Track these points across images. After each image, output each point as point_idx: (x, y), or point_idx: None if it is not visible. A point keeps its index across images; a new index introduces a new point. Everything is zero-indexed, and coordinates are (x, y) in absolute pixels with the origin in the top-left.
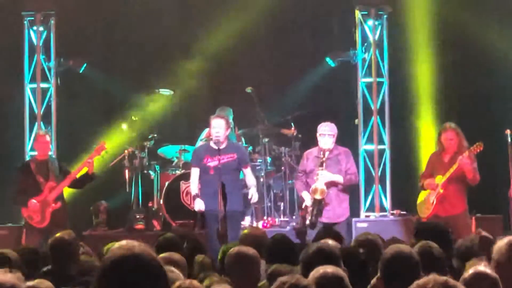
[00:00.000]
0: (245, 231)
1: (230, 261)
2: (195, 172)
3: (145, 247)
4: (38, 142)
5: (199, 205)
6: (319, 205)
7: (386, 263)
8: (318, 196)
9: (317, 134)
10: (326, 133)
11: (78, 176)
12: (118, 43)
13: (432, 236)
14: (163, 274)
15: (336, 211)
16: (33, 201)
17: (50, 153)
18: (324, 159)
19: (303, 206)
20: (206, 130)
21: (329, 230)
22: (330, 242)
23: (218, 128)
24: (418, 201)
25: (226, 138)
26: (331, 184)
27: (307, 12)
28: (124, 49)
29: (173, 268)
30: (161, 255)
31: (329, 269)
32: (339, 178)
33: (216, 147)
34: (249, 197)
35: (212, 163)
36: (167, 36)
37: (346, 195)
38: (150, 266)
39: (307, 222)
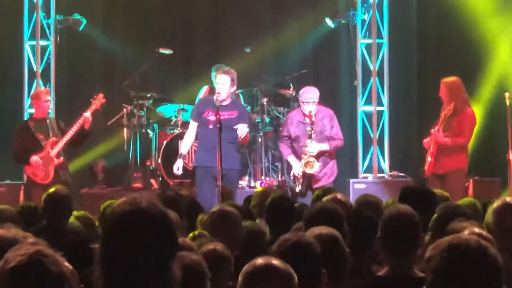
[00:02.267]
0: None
1: (213, 221)
2: (192, 127)
3: (152, 201)
4: (40, 100)
5: (177, 165)
6: (309, 179)
7: (386, 222)
8: (309, 170)
9: (300, 99)
10: (310, 100)
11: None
12: (118, 1)
13: (415, 200)
14: (173, 228)
15: (325, 175)
16: (35, 158)
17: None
18: (311, 131)
19: (291, 174)
20: (204, 88)
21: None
22: (339, 196)
23: (221, 83)
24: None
25: (229, 95)
26: (319, 154)
27: None
28: (124, 7)
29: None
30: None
31: (324, 229)
32: (325, 147)
33: (218, 103)
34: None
35: (212, 117)
36: None
37: (333, 159)
38: (158, 220)
39: (297, 190)
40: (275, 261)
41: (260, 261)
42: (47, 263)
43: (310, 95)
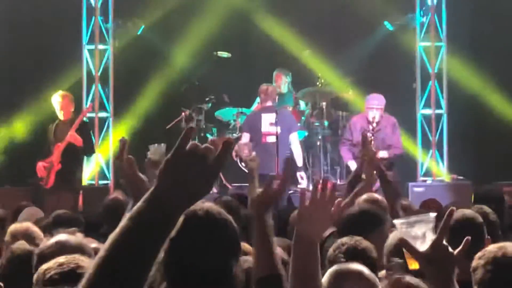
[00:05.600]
0: None
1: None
2: (245, 137)
3: (216, 208)
4: (63, 103)
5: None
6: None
7: (451, 226)
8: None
9: (365, 106)
10: (375, 106)
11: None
12: (175, 5)
13: (487, 202)
14: (235, 234)
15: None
16: (40, 163)
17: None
18: (371, 137)
19: None
20: (258, 100)
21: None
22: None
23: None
24: None
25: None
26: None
27: None
28: (181, 10)
29: None
30: None
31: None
32: (384, 155)
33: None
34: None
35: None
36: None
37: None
38: (222, 226)
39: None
40: (365, 269)
41: (350, 266)
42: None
43: (376, 101)
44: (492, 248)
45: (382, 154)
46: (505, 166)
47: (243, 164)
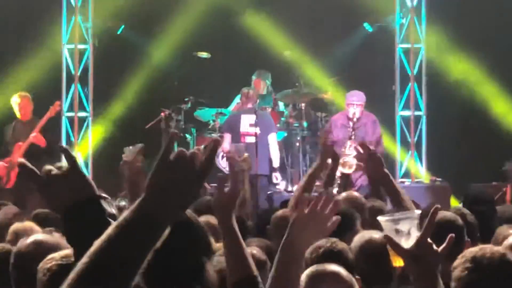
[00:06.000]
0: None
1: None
2: (227, 138)
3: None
4: (21, 103)
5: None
6: (346, 179)
7: None
8: (347, 170)
9: (345, 103)
10: (355, 103)
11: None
12: (155, 5)
13: (478, 203)
14: (202, 234)
15: (362, 178)
16: (0, 163)
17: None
18: (352, 132)
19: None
20: (237, 98)
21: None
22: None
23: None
24: None
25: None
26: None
27: None
28: (162, 10)
29: None
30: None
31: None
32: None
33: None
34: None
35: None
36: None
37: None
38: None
39: (334, 191)
40: (342, 270)
41: (327, 267)
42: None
43: (355, 97)
44: (473, 249)
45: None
46: (483, 167)
47: (221, 163)
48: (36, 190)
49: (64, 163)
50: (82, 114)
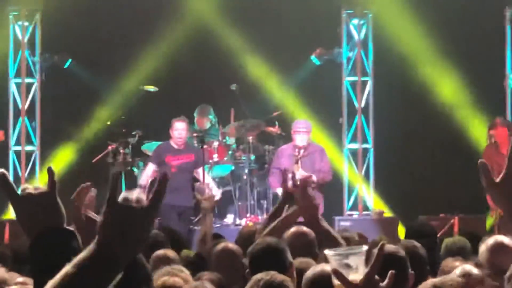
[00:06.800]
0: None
1: (217, 257)
2: (149, 169)
3: None
4: None
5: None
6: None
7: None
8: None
9: (292, 131)
10: (301, 130)
11: None
12: (103, 39)
13: (419, 237)
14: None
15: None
16: None
17: None
18: (299, 156)
19: None
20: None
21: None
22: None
23: (181, 130)
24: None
25: (185, 140)
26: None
27: (293, 9)
28: (109, 45)
29: (183, 269)
30: (156, 253)
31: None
32: (312, 176)
33: (177, 147)
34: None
35: (174, 162)
36: (152, 34)
37: (320, 194)
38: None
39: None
40: None
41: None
42: None
43: (301, 125)
44: (425, 285)
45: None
46: (430, 200)
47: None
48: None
49: (41, 185)
50: (29, 148)
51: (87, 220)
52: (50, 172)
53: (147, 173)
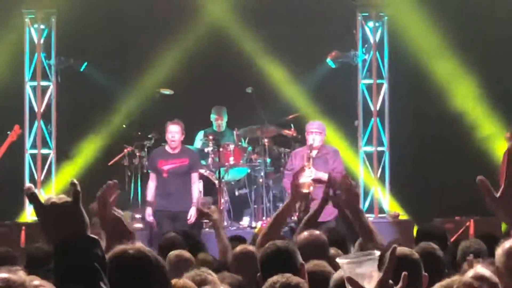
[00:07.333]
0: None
1: (236, 259)
2: (152, 178)
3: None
4: None
5: (148, 212)
6: (306, 200)
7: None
8: (304, 190)
9: (305, 133)
10: (314, 130)
11: None
12: (118, 42)
13: (430, 239)
14: (159, 271)
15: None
16: None
17: None
18: (310, 154)
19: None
20: (201, 132)
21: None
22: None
23: (174, 133)
24: None
25: (180, 143)
26: (318, 182)
27: (308, 12)
28: (125, 48)
29: (210, 271)
30: (172, 252)
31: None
32: (324, 176)
33: (171, 151)
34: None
35: (166, 166)
36: (167, 37)
37: None
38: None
39: (295, 218)
40: None
41: None
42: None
43: (314, 125)
44: (438, 286)
45: (322, 174)
46: (446, 202)
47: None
48: (36, 214)
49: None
50: (45, 151)
51: (113, 217)
52: (73, 184)
53: (150, 187)
